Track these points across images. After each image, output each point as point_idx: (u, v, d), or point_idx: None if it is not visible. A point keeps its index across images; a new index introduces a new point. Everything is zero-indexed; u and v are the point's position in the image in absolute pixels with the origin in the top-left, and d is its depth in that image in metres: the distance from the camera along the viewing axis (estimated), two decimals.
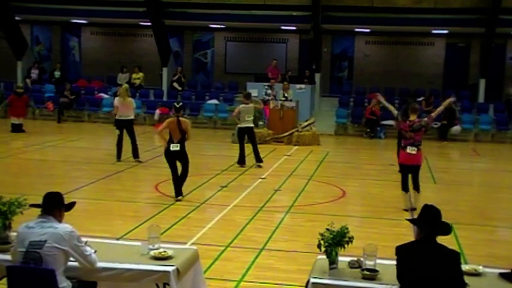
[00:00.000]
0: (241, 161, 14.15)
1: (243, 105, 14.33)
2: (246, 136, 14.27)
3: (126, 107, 14.08)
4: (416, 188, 10.27)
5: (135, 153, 14.22)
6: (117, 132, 14.16)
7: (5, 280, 4.82)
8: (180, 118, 10.58)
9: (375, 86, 23.40)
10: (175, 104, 10.94)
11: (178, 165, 10.75)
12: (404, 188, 10.31)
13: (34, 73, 24.71)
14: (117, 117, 14.19)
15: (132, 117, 14.26)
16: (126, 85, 15.28)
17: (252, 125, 14.47)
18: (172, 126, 10.52)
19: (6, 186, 10.87)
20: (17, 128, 18.94)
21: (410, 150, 9.99)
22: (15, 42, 24.56)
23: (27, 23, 25.75)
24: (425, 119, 10.22)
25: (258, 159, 14.23)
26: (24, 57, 24.92)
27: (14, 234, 5.05)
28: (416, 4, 21.69)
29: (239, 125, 14.38)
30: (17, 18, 24.47)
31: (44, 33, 26.93)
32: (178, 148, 10.51)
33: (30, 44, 26.14)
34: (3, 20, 23.85)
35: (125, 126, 14.13)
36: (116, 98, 14.37)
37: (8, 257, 4.95)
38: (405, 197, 10.37)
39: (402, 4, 21.76)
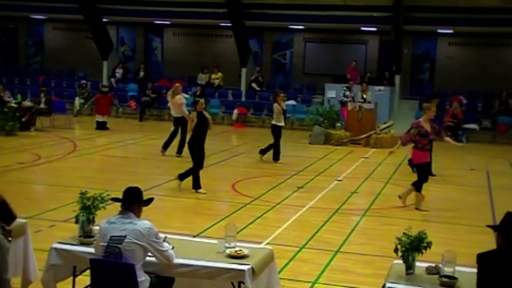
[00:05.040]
0: (277, 157, 14.55)
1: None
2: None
3: (173, 105, 14.94)
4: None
5: (180, 149, 14.57)
6: (173, 128, 14.91)
7: (88, 272, 5.03)
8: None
9: (458, 88, 22.71)
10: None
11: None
12: None
13: (118, 73, 25.51)
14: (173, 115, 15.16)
15: (180, 115, 14.68)
16: (177, 84, 15.73)
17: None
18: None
19: (90, 181, 11.30)
20: (101, 126, 19.63)
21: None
22: (102, 42, 25.49)
23: (114, 24, 26.61)
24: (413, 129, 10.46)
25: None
26: (110, 57, 25.83)
27: (97, 228, 5.24)
28: (505, 4, 20.86)
29: (279, 123, 14.54)
30: (104, 19, 25.38)
31: (128, 34, 27.73)
32: None
33: (116, 44, 27.02)
34: (92, 21, 24.80)
35: (179, 123, 14.61)
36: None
37: (91, 249, 5.13)
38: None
39: (489, 4, 20.98)
